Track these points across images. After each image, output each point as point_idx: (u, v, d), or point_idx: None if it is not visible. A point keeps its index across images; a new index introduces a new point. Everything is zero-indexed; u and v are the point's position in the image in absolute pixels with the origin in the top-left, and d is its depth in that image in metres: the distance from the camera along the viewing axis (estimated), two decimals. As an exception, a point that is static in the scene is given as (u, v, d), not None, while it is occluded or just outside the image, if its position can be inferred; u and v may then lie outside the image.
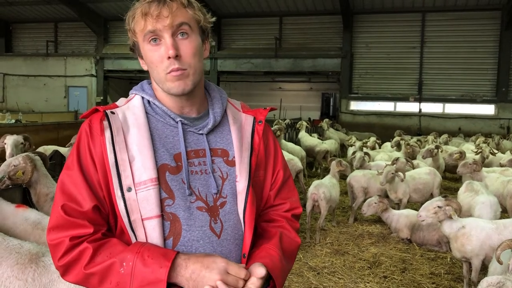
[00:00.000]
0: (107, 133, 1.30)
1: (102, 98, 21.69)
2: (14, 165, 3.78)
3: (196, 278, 1.18)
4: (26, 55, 23.45)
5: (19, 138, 5.35)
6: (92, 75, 22.01)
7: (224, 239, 1.35)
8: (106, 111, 1.34)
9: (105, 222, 1.31)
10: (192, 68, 1.33)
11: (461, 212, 4.50)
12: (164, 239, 1.29)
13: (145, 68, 1.41)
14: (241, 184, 1.39)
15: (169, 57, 1.29)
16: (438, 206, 4.39)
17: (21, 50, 23.92)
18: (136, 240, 1.28)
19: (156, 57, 1.31)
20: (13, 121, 12.99)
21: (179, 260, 1.20)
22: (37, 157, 3.94)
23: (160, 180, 1.30)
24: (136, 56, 1.44)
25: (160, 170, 1.31)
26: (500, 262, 3.29)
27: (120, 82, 23.00)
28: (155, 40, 1.31)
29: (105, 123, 1.31)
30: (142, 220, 1.27)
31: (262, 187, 1.50)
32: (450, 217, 4.37)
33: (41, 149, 7.56)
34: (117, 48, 21.23)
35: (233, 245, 1.37)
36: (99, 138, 1.30)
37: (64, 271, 1.26)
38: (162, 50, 1.30)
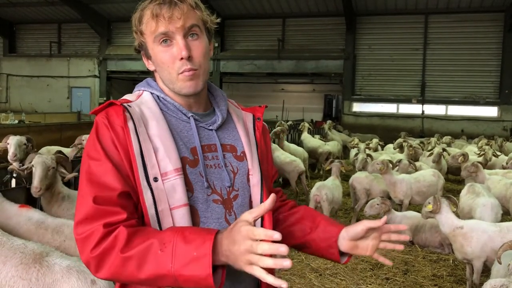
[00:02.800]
0: (130, 124, 1.28)
1: (105, 99, 21.69)
2: (47, 164, 3.76)
3: (229, 255, 1.10)
4: (30, 56, 23.50)
5: (22, 139, 5.36)
6: (95, 76, 22.06)
7: None
8: (123, 104, 1.34)
9: (135, 210, 1.27)
10: (202, 68, 1.37)
11: (457, 207, 4.61)
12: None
13: (151, 68, 1.43)
14: (255, 177, 1.44)
15: (181, 58, 1.32)
16: (428, 202, 4.61)
17: (24, 51, 23.98)
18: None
19: (168, 58, 1.34)
20: (17, 121, 13.04)
21: (219, 235, 1.13)
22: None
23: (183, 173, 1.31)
24: (140, 57, 1.46)
25: (182, 162, 1.32)
26: (499, 262, 3.34)
27: (123, 83, 23.02)
28: (166, 41, 1.33)
29: (127, 114, 1.30)
30: (171, 209, 1.26)
31: (266, 180, 1.54)
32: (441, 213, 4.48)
33: (44, 149, 7.59)
34: (120, 49, 21.26)
35: None
36: (122, 129, 1.28)
37: (98, 262, 1.17)
38: (174, 51, 1.33)
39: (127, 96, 1.43)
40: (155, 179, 1.27)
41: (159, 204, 1.26)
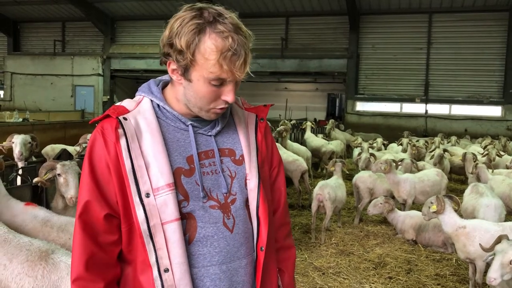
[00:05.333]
0: (123, 141, 1.31)
1: (108, 97, 21.78)
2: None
3: None
4: (34, 54, 23.58)
5: (26, 137, 5.40)
6: (99, 75, 22.10)
7: (236, 233, 1.41)
8: (119, 117, 1.34)
9: (118, 229, 1.35)
10: None
11: (459, 207, 4.64)
12: (184, 240, 1.33)
13: (178, 81, 1.36)
14: (252, 182, 1.45)
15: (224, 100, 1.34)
16: (431, 202, 4.63)
17: (28, 49, 24.08)
18: (153, 245, 1.30)
19: (212, 96, 1.33)
20: (21, 119, 13.09)
21: None
22: None
23: (176, 184, 1.33)
24: (143, 56, 1.45)
25: (176, 173, 1.34)
26: (484, 250, 3.59)
27: (127, 81, 23.08)
28: (218, 84, 1.32)
29: (120, 131, 1.32)
30: (162, 224, 1.30)
31: (268, 181, 1.55)
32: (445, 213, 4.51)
33: (49, 147, 7.64)
34: (124, 48, 21.30)
35: (244, 238, 1.43)
36: (114, 146, 1.31)
37: None
38: (222, 92, 1.33)
39: (126, 103, 1.42)
40: (147, 195, 1.30)
41: (151, 220, 1.29)
